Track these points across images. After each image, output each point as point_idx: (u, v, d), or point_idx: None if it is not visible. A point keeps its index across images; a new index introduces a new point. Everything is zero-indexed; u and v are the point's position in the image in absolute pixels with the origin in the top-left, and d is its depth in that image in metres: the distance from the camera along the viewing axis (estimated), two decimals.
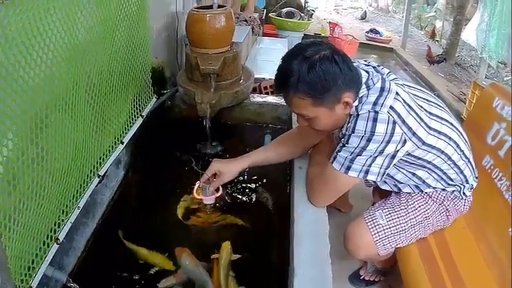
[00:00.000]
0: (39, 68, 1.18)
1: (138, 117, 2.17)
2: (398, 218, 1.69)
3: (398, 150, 1.44)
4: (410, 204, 1.71)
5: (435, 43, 8.22)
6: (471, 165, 1.71)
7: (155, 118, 2.52)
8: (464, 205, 1.77)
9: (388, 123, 1.37)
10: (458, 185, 1.70)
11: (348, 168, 1.47)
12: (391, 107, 1.39)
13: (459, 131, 1.63)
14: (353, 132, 1.42)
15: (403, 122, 1.40)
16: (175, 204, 2.01)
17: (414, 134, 1.43)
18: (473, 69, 6.53)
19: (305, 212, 1.67)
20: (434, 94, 4.50)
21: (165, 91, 2.81)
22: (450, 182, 1.68)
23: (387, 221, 1.68)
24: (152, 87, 2.37)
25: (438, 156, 1.55)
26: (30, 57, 1.13)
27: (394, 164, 1.55)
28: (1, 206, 1.03)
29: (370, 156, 1.43)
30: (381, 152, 1.41)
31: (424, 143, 1.48)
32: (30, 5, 1.09)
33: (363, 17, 11.46)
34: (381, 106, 1.39)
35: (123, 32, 1.84)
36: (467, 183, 1.71)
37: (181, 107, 2.85)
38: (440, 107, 1.63)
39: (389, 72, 1.57)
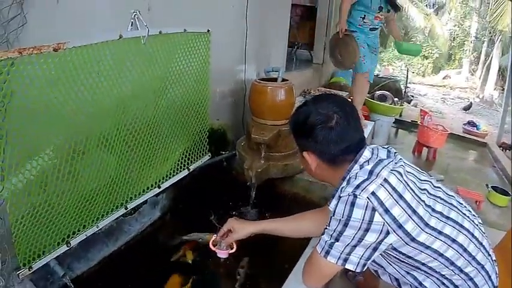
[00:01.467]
0: (83, 108, 1.59)
1: (184, 169, 2.50)
2: None
3: (380, 242, 1.39)
4: None
5: None
6: (486, 272, 1.53)
7: (208, 175, 2.87)
8: None
9: (366, 209, 1.34)
10: None
11: (327, 252, 1.46)
12: (373, 193, 1.35)
13: (473, 235, 1.50)
14: (333, 214, 1.43)
15: (386, 211, 1.35)
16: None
17: (401, 226, 1.37)
18: None
19: None
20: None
21: (224, 152, 3.18)
22: None
23: None
24: (209, 146, 2.70)
25: (435, 259, 1.45)
26: (76, 99, 1.54)
27: (384, 257, 1.57)
28: (29, 201, 1.46)
29: (348, 244, 1.40)
30: (360, 241, 1.38)
31: (413, 240, 1.39)
32: (82, 57, 1.50)
33: (467, 108, 11.37)
34: (362, 190, 1.36)
35: (178, 92, 2.21)
36: None
37: (238, 170, 3.13)
38: (453, 206, 1.54)
39: (400, 159, 1.57)
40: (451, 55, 19.66)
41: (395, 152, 1.61)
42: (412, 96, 9.18)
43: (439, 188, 1.60)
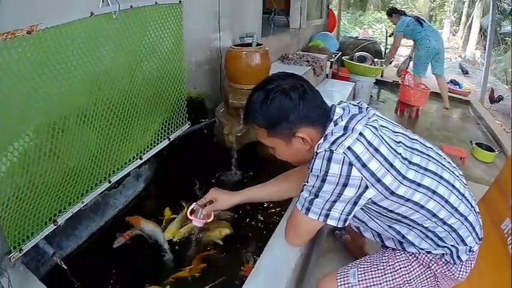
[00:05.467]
0: (60, 87, 1.61)
1: (164, 139, 2.53)
2: (372, 278, 1.65)
3: (360, 197, 1.40)
4: (390, 265, 1.66)
5: None
6: (470, 224, 1.55)
7: (189, 143, 2.92)
8: (460, 271, 1.61)
9: (342, 164, 1.34)
10: (449, 247, 1.56)
11: (308, 209, 1.48)
12: (349, 148, 1.34)
13: (453, 186, 1.53)
14: (311, 171, 1.43)
15: (363, 165, 1.35)
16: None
17: (379, 180, 1.37)
18: None
19: (276, 248, 1.76)
20: (498, 151, 4.62)
21: (203, 120, 3.21)
22: (440, 243, 1.55)
23: (359, 281, 1.65)
24: (188, 114, 2.72)
25: (416, 211, 1.47)
26: (53, 78, 1.56)
27: (366, 212, 1.58)
28: (14, 183, 1.50)
29: (328, 200, 1.42)
30: (339, 196, 1.39)
31: (393, 193, 1.41)
32: (56, 37, 1.51)
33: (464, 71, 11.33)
34: (338, 146, 1.35)
35: (153, 63, 2.21)
36: (465, 244, 1.56)
37: (218, 136, 3.19)
38: (431, 158, 1.55)
39: (374, 114, 1.56)
40: (431, 16, 19.60)
41: (367, 107, 1.61)
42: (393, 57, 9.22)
43: (416, 140, 1.62)
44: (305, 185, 1.49)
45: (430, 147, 1.63)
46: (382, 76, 8.25)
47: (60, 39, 1.54)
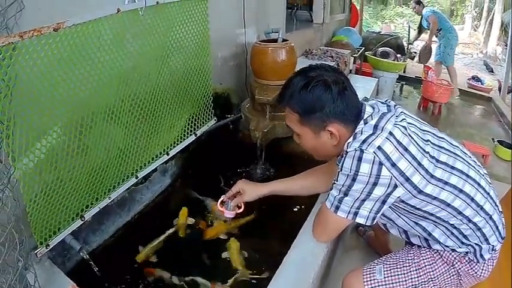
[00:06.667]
0: (87, 83, 1.58)
1: (191, 134, 2.49)
2: (398, 275, 1.63)
3: (388, 195, 1.40)
4: (415, 262, 1.65)
5: None
6: (494, 223, 1.54)
7: (215, 139, 2.88)
8: (482, 269, 1.59)
9: (373, 164, 1.33)
10: (473, 245, 1.54)
11: (337, 208, 1.48)
12: (379, 147, 1.34)
13: (479, 185, 1.50)
14: (341, 169, 1.42)
15: (393, 165, 1.34)
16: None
17: (408, 179, 1.36)
18: None
19: (303, 244, 1.74)
20: None
21: (229, 115, 3.16)
22: (464, 240, 1.54)
23: (384, 277, 1.63)
24: (214, 110, 2.68)
25: (443, 209, 1.46)
26: (79, 75, 1.54)
27: (393, 209, 1.57)
28: (41, 179, 1.48)
29: (357, 198, 1.41)
30: (369, 195, 1.39)
31: (420, 192, 1.40)
32: (82, 34, 1.48)
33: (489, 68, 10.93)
34: (368, 145, 1.34)
35: (179, 59, 2.18)
36: (488, 243, 1.54)
37: (244, 132, 3.14)
38: (458, 156, 1.53)
39: (401, 112, 1.54)
40: (453, 11, 19.15)
41: (394, 105, 1.59)
42: (415, 52, 9.01)
43: (443, 138, 1.60)
44: (335, 183, 1.48)
45: (456, 146, 1.61)
46: (404, 72, 8.09)
47: (87, 36, 1.52)
